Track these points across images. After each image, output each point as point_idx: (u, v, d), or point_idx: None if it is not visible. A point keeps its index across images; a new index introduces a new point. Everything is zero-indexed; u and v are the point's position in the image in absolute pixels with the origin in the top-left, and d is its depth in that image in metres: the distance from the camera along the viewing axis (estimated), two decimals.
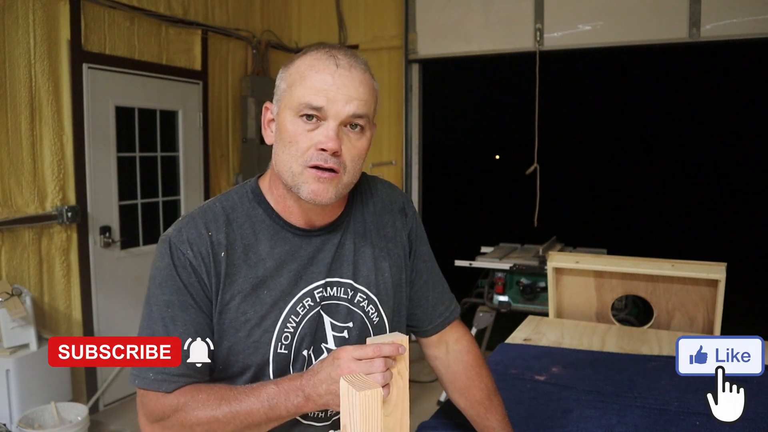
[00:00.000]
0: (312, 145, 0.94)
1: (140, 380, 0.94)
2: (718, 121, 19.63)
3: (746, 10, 3.46)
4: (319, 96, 0.93)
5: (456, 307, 1.23)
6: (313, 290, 1.03)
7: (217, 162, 4.17)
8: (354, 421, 0.75)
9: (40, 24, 2.90)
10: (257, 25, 4.39)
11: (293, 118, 0.95)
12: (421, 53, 4.32)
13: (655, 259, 2.08)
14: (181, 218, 1.02)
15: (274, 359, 1.00)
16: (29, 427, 2.54)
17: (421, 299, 1.18)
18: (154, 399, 0.94)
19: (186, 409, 0.92)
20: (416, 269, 1.17)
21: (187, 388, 0.94)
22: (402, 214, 1.17)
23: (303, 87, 0.94)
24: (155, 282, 0.98)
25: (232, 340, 0.98)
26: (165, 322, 0.95)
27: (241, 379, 1.00)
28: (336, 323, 1.04)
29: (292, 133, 0.95)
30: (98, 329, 3.24)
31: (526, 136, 4.74)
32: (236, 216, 1.02)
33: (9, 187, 2.82)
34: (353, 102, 0.94)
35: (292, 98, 0.96)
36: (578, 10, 3.85)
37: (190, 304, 0.96)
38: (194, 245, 0.97)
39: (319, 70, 0.94)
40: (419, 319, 1.19)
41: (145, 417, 0.96)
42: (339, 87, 0.94)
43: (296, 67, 0.97)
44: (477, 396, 1.17)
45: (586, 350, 1.82)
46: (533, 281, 3.66)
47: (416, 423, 1.32)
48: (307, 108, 0.94)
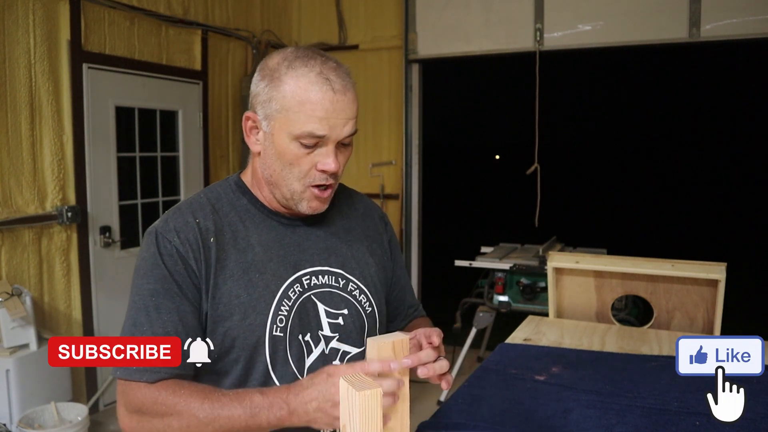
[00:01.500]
0: (312, 166, 0.99)
1: (122, 371, 0.93)
2: (718, 121, 19.63)
3: (746, 10, 3.46)
4: (322, 125, 0.96)
5: (422, 311, 1.31)
6: (302, 277, 1.04)
7: (217, 162, 4.17)
8: (354, 421, 0.75)
9: (40, 24, 2.90)
10: (257, 25, 4.39)
11: (293, 141, 0.97)
12: (421, 53, 4.32)
13: (655, 259, 2.08)
14: (168, 211, 1.04)
15: (270, 342, 1.00)
16: (29, 427, 2.54)
17: (400, 303, 1.25)
18: (136, 389, 0.92)
19: (167, 403, 0.90)
20: (395, 275, 1.23)
21: (170, 382, 0.93)
22: (382, 222, 1.23)
23: (303, 114, 0.96)
24: (140, 272, 0.98)
25: (227, 325, 0.98)
26: (148, 311, 0.94)
27: (236, 366, 1.00)
28: (330, 310, 1.06)
29: (294, 155, 0.98)
30: (98, 329, 3.24)
31: (526, 136, 4.74)
32: (221, 206, 1.05)
33: (9, 187, 2.82)
34: (349, 123, 0.98)
35: (291, 123, 0.96)
36: (578, 10, 3.85)
37: (175, 292, 0.96)
38: (181, 233, 0.98)
39: (319, 98, 0.95)
40: (392, 317, 1.25)
41: (124, 407, 0.94)
42: (338, 113, 0.96)
43: (290, 90, 0.96)
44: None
45: (586, 350, 1.82)
46: (533, 281, 3.66)
47: (416, 423, 1.32)
48: (310, 137, 0.96)
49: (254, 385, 1.00)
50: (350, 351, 1.07)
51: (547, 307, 2.28)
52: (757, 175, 14.04)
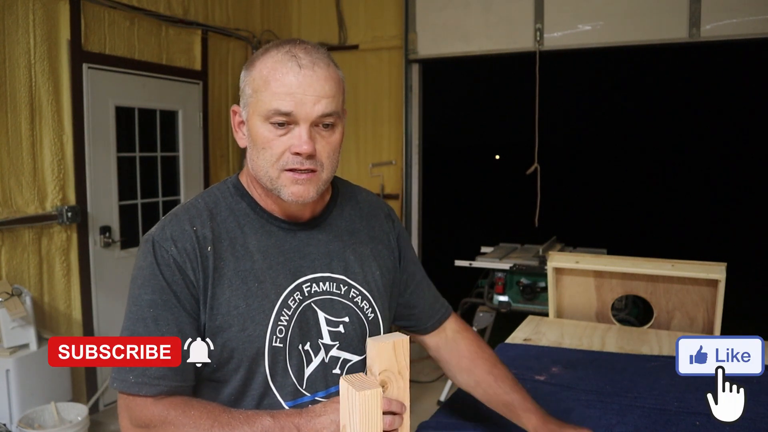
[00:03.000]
0: (286, 149, 0.94)
1: (119, 383, 0.91)
2: (718, 121, 19.63)
3: (746, 10, 3.46)
4: (287, 100, 0.92)
5: (449, 306, 1.26)
6: (302, 284, 1.01)
7: (217, 162, 4.17)
8: (353, 421, 0.75)
9: (40, 24, 2.90)
10: (257, 25, 4.39)
11: (263, 123, 0.95)
12: (421, 53, 4.32)
13: (655, 259, 2.08)
14: (164, 217, 1.01)
15: (270, 353, 0.97)
16: (29, 427, 2.54)
17: (419, 299, 1.20)
18: (142, 405, 0.91)
19: (176, 423, 0.89)
20: (408, 271, 1.18)
21: (178, 400, 0.92)
22: (389, 220, 1.18)
23: (268, 92, 0.93)
24: (137, 282, 0.95)
25: (225, 336, 0.95)
26: (146, 323, 0.92)
27: (235, 377, 0.98)
28: (330, 318, 1.03)
29: (265, 138, 0.95)
30: (98, 329, 3.24)
31: (526, 136, 4.74)
32: (219, 211, 1.01)
33: (9, 187, 2.82)
34: (321, 101, 0.93)
35: (259, 104, 0.94)
36: (578, 10, 3.85)
37: (173, 303, 0.93)
38: (178, 242, 0.95)
39: (283, 73, 0.93)
40: (418, 318, 1.20)
41: (128, 420, 0.92)
42: (305, 88, 0.92)
43: (258, 71, 0.95)
44: (483, 366, 1.17)
45: (586, 350, 1.82)
46: (533, 281, 3.66)
47: (416, 423, 1.32)
48: (276, 114, 0.93)
49: (253, 395, 0.98)
50: (351, 359, 1.05)
51: (547, 307, 2.28)
52: (757, 175, 14.04)
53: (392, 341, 0.88)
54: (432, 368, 3.66)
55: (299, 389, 1.00)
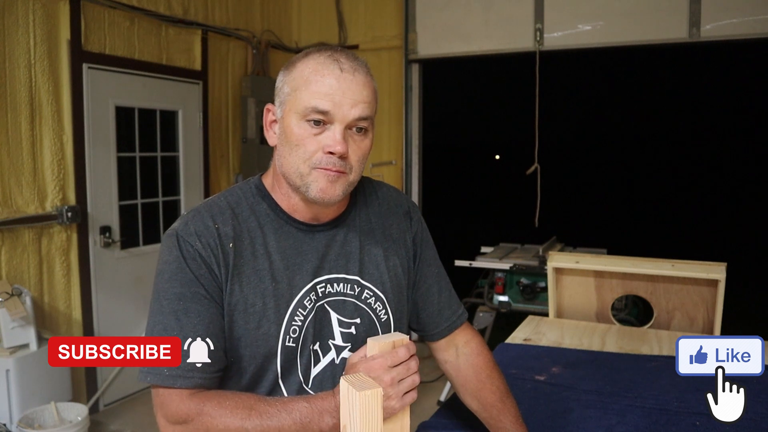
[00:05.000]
0: (319, 148, 0.96)
1: (153, 377, 0.91)
2: (717, 121, 19.64)
3: (746, 10, 3.46)
4: (325, 100, 0.94)
5: (463, 312, 1.23)
6: (317, 285, 1.02)
7: (217, 162, 4.17)
8: (354, 421, 0.75)
9: (40, 24, 2.90)
10: (257, 25, 4.39)
11: (299, 121, 0.96)
12: (421, 53, 4.32)
13: (655, 259, 2.08)
14: (186, 213, 1.02)
15: (282, 351, 0.99)
16: (29, 427, 2.54)
17: (427, 303, 1.18)
18: (177, 401, 0.91)
19: (213, 414, 0.90)
20: (421, 273, 1.17)
21: (212, 393, 0.93)
22: (407, 218, 1.18)
23: (308, 91, 0.95)
24: (164, 276, 0.96)
25: (240, 332, 0.97)
26: (177, 315, 0.93)
27: (247, 372, 0.99)
28: (343, 319, 1.04)
29: (299, 136, 0.96)
30: (98, 329, 3.24)
31: (526, 136, 4.74)
32: (241, 210, 1.03)
33: (9, 187, 2.82)
34: (358, 105, 0.96)
35: (298, 102, 0.96)
36: (578, 10, 3.85)
37: (202, 294, 0.95)
38: (202, 237, 0.97)
39: (324, 75, 0.95)
40: (425, 323, 1.19)
41: (164, 418, 0.93)
42: (344, 91, 0.95)
43: (299, 71, 0.98)
44: (489, 399, 1.15)
45: (586, 350, 1.82)
46: (533, 281, 3.66)
47: (416, 423, 1.32)
48: (314, 112, 0.95)
49: (262, 392, 1.00)
50: None
51: (547, 307, 2.28)
52: (757, 175, 14.04)
53: (392, 340, 0.88)
54: (432, 368, 3.66)
55: (304, 387, 1.01)
